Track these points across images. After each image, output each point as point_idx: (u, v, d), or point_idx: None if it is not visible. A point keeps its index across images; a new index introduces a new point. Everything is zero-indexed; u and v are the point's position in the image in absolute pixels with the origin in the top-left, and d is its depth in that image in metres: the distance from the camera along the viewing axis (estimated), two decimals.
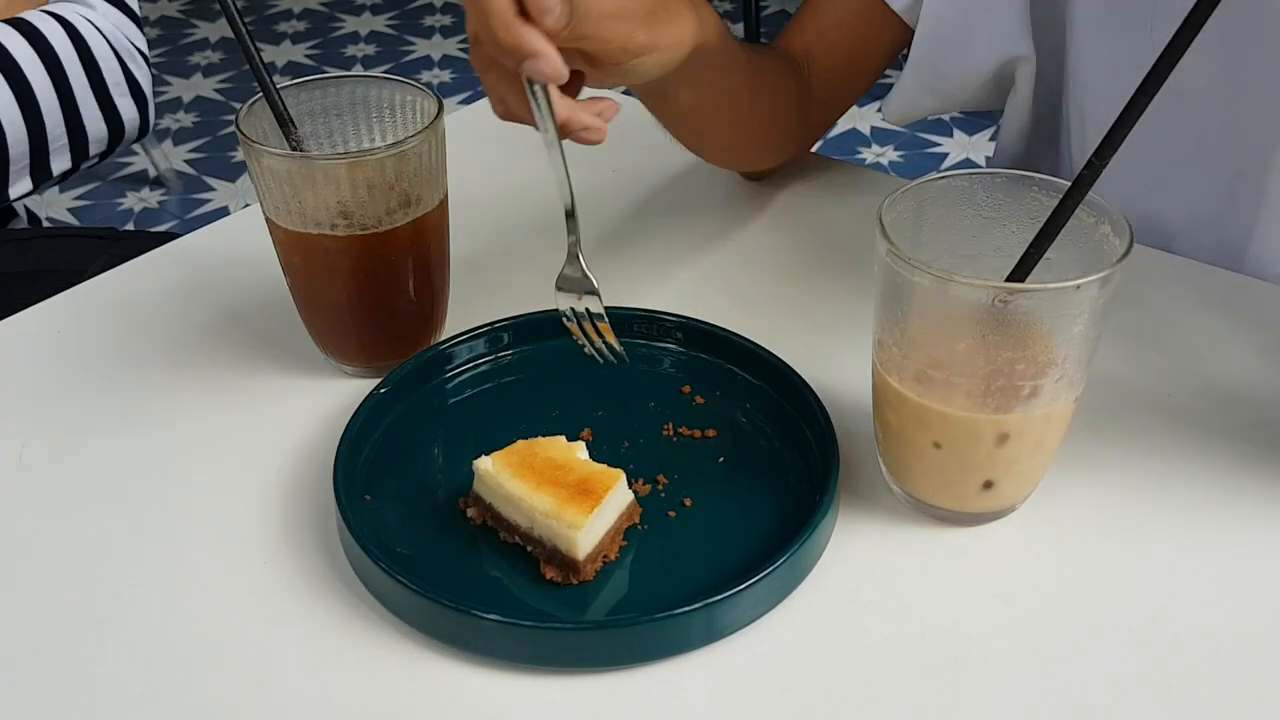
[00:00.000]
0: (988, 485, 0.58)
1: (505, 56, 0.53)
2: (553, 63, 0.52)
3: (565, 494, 0.55)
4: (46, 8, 1.00)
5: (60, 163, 0.99)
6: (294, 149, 0.66)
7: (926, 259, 0.54)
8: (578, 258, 0.61)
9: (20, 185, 0.98)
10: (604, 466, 0.57)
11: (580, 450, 0.59)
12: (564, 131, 0.57)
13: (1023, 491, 0.60)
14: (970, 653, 0.54)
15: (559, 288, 0.62)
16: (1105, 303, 0.53)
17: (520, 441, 0.59)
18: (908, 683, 0.53)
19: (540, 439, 0.59)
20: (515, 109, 0.58)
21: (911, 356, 0.56)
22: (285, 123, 0.66)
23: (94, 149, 1.02)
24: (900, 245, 0.53)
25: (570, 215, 0.61)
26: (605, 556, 0.57)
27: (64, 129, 0.97)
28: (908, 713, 0.51)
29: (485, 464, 0.58)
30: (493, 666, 0.53)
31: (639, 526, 0.59)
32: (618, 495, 0.57)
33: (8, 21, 0.96)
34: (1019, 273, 0.54)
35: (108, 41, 1.00)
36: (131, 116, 1.04)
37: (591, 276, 0.62)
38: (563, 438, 0.60)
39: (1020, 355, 0.54)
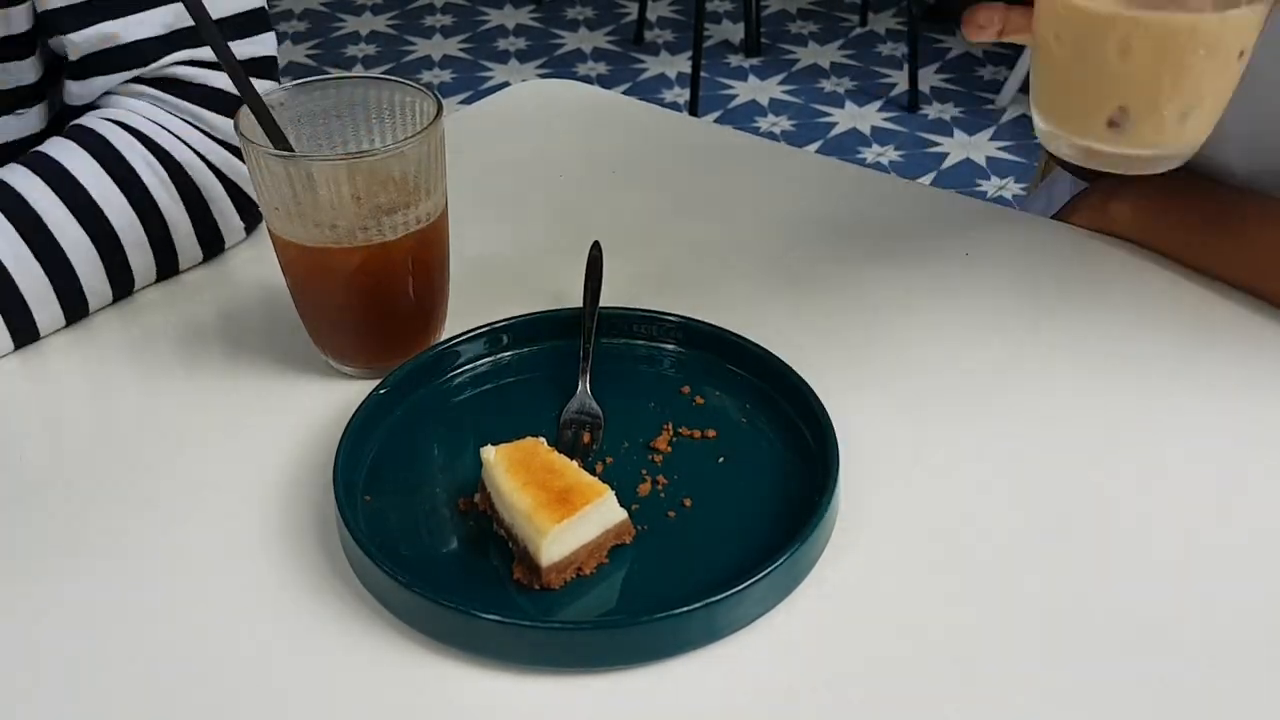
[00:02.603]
0: (1112, 123, 0.51)
1: None
2: None
3: (545, 498, 0.55)
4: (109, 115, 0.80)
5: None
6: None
7: None
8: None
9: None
10: (594, 480, 0.57)
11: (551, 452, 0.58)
12: None
13: (1156, 137, 0.52)
14: (970, 652, 0.54)
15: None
16: None
17: (531, 439, 0.59)
18: (907, 682, 0.53)
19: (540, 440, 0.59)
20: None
21: None
22: (278, 138, 0.65)
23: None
24: None
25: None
26: (580, 570, 0.56)
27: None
28: (907, 713, 0.51)
29: (489, 453, 0.58)
30: (493, 666, 0.53)
31: (640, 527, 0.59)
32: (601, 511, 0.56)
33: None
34: None
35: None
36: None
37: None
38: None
39: None
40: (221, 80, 0.80)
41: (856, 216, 0.87)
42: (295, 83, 0.69)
